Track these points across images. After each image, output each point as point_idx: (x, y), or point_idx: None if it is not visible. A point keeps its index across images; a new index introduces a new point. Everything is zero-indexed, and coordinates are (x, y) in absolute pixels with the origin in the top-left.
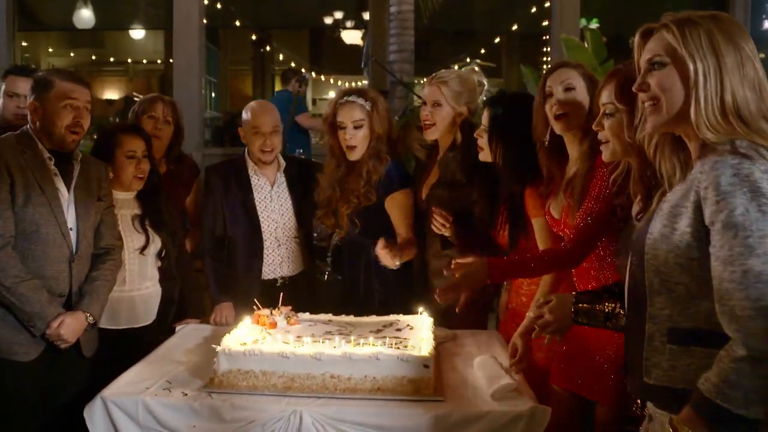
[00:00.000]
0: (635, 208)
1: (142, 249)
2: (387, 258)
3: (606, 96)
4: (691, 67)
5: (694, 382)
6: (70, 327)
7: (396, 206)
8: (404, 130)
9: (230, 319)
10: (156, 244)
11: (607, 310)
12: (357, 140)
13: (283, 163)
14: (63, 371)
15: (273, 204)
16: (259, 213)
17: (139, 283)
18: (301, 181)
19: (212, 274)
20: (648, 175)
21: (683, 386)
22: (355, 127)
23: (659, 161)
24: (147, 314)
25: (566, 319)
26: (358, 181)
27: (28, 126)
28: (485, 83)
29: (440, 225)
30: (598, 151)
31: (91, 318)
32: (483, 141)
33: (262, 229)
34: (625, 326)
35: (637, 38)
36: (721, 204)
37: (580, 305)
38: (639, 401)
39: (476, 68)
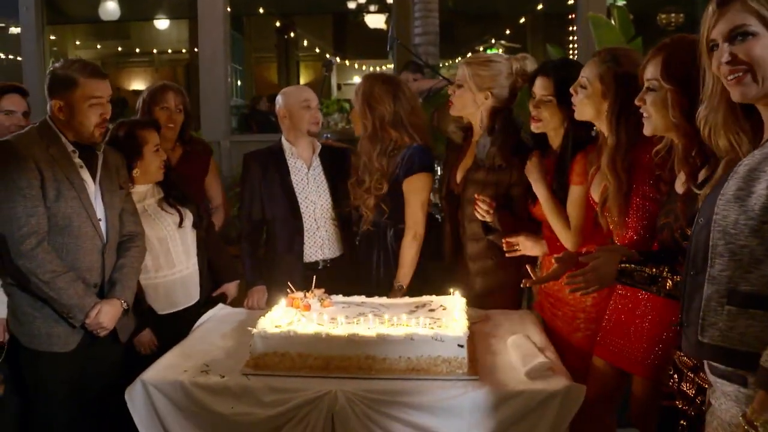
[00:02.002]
0: (679, 187)
1: (180, 222)
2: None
3: (651, 71)
4: None
5: (752, 345)
6: (108, 314)
7: (411, 190)
8: (439, 113)
9: (262, 302)
10: (189, 217)
11: (652, 272)
12: (351, 117)
13: (318, 146)
14: (99, 358)
15: (310, 186)
16: (297, 194)
17: (186, 262)
18: (335, 166)
19: (248, 258)
20: (693, 155)
21: (740, 348)
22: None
23: (715, 139)
24: (198, 291)
25: (609, 277)
26: (364, 170)
27: (48, 117)
28: (528, 71)
29: (484, 212)
30: (622, 164)
31: (125, 304)
32: (541, 112)
33: (301, 210)
34: (683, 285)
35: (712, 8)
36: None
37: (626, 265)
38: (676, 376)
39: (527, 56)
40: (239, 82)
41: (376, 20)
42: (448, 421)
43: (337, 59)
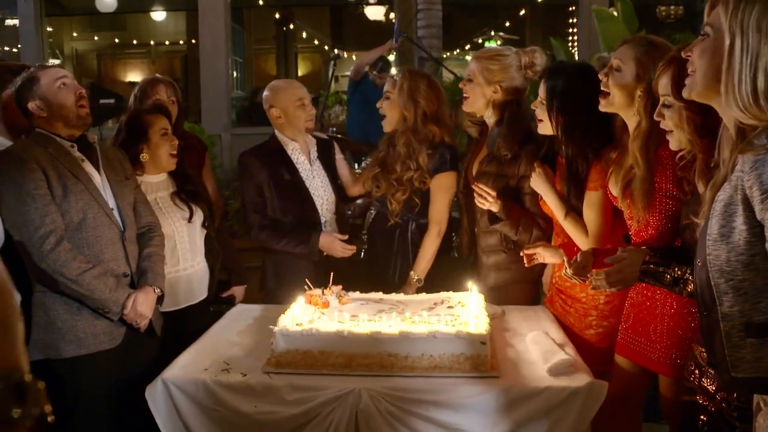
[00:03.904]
0: (701, 189)
1: (189, 218)
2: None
3: (663, 86)
4: (728, 40)
5: None
6: (145, 303)
7: (440, 187)
8: (455, 107)
9: (338, 245)
10: (199, 214)
11: (675, 275)
12: (384, 110)
13: (313, 140)
14: (139, 353)
15: (316, 181)
16: (310, 190)
17: (192, 260)
18: (326, 157)
19: (282, 237)
20: (712, 167)
21: None
22: (385, 98)
23: (719, 144)
24: (202, 290)
25: (633, 277)
26: (399, 160)
27: (34, 130)
28: (537, 63)
29: (483, 200)
30: (654, 149)
31: (158, 290)
32: (540, 112)
33: (317, 205)
34: (700, 325)
35: (706, 8)
36: (767, 202)
37: (650, 266)
38: (697, 372)
39: (536, 49)
40: (238, 74)
41: (375, 12)
42: (472, 419)
43: (345, 53)
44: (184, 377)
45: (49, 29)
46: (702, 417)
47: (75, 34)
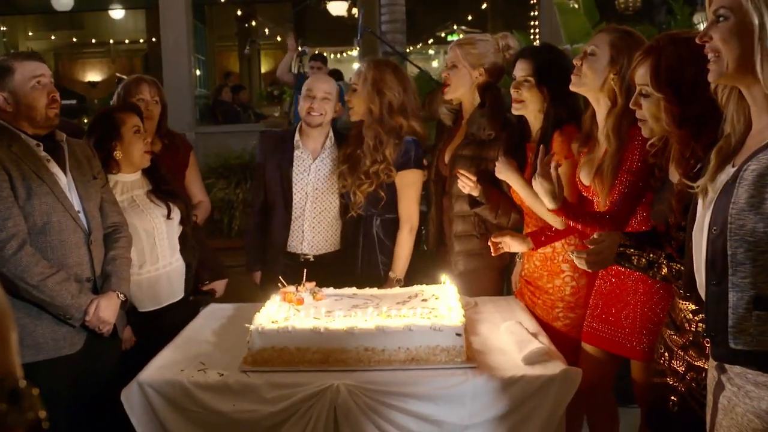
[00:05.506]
0: (673, 177)
1: (168, 214)
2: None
3: (641, 76)
4: (756, 21)
5: None
6: (108, 309)
7: (406, 184)
8: (430, 95)
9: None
10: (176, 212)
11: (650, 258)
12: (350, 102)
13: (333, 140)
14: (100, 357)
15: (309, 176)
16: (293, 184)
17: (170, 257)
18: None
19: (256, 230)
20: (687, 157)
21: None
22: (351, 90)
23: (727, 109)
24: (182, 287)
25: (609, 260)
26: (368, 153)
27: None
28: (512, 46)
29: (464, 184)
30: (627, 127)
31: (122, 296)
32: (524, 91)
33: (293, 201)
34: (706, 294)
35: None
36: None
37: (626, 249)
38: (666, 354)
39: (508, 35)
40: (200, 72)
41: (337, 8)
42: (450, 409)
43: (308, 49)
44: (160, 379)
45: (3, 28)
46: (672, 398)
47: (30, 33)
